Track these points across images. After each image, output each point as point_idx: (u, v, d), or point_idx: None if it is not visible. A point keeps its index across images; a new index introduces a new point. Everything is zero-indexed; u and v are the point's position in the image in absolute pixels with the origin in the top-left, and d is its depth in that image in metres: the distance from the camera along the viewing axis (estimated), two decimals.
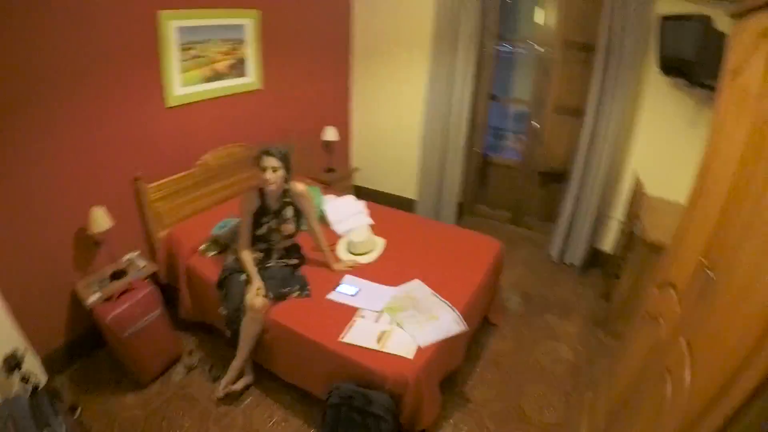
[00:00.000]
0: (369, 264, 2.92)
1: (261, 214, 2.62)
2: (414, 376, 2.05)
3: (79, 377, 2.75)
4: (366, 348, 2.18)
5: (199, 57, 3.08)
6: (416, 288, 2.66)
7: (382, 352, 2.16)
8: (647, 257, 2.82)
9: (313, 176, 4.19)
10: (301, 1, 3.87)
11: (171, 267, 3.02)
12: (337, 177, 4.47)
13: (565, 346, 3.10)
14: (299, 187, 2.67)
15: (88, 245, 2.71)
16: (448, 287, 2.66)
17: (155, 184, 2.96)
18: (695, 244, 1.89)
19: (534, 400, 2.67)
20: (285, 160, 2.51)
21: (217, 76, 3.26)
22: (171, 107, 3.01)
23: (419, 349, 2.19)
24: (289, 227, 2.69)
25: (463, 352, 2.65)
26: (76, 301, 2.67)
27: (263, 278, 2.55)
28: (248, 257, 2.60)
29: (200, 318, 2.98)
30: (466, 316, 2.49)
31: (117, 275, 2.69)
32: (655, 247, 2.72)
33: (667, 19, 3.01)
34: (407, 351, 2.17)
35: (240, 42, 3.37)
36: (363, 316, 2.40)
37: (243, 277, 2.58)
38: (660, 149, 3.49)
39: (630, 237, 3.33)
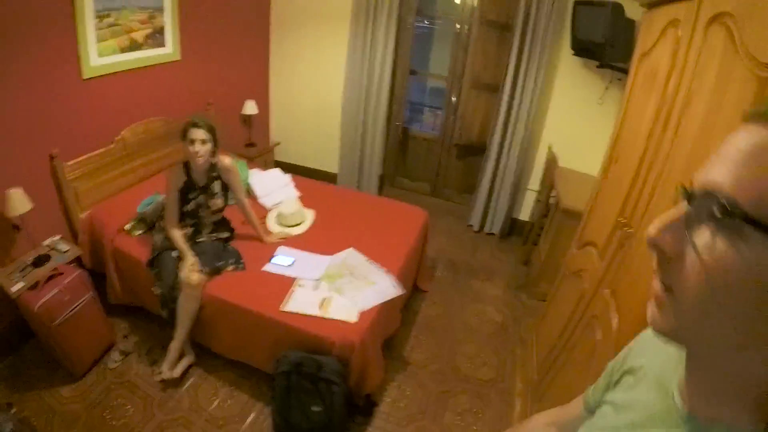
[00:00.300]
0: (301, 235, 2.91)
1: (188, 189, 2.50)
2: (359, 339, 2.09)
3: (9, 374, 2.49)
4: (309, 315, 2.19)
5: (115, 25, 2.83)
6: (351, 256, 2.68)
7: (325, 318, 2.18)
8: (563, 223, 3.06)
9: (234, 151, 4.01)
10: None
11: (95, 250, 2.80)
12: (257, 151, 4.33)
13: (491, 308, 3.29)
14: (226, 160, 2.57)
15: (5, 230, 2.43)
16: (381, 254, 2.72)
17: (73, 162, 2.71)
18: (611, 205, 2.10)
19: (468, 359, 2.82)
20: (212, 132, 2.41)
21: (135, 46, 3.02)
22: (87, 79, 2.74)
23: (361, 314, 2.23)
24: (217, 202, 2.59)
25: (399, 317, 2.73)
26: None
27: (195, 253, 2.45)
28: (178, 234, 2.48)
29: (131, 301, 2.80)
30: (400, 280, 2.56)
31: (39, 261, 2.43)
32: (570, 214, 2.96)
33: (580, 3, 3.24)
34: (350, 315, 2.21)
35: (158, 10, 3.13)
36: (301, 285, 2.39)
37: (175, 254, 2.46)
38: (571, 124, 3.77)
39: (546, 205, 3.59)
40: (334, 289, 2.37)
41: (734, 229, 0.40)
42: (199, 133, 2.34)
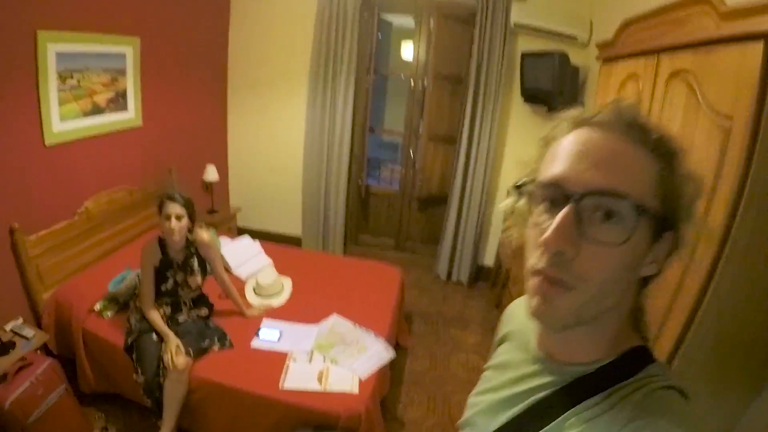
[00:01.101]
0: (282, 305, 2.85)
1: (164, 267, 2.39)
2: (365, 408, 2.05)
3: None
4: (310, 391, 2.13)
5: (78, 87, 2.75)
6: (337, 323, 2.66)
7: (326, 392, 2.12)
8: (521, 266, 3.18)
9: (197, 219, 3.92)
10: (179, 31, 3.68)
11: (63, 333, 2.57)
12: (220, 218, 4.26)
13: (474, 356, 3.32)
14: (203, 235, 2.51)
15: None
16: (366, 317, 2.72)
17: (35, 236, 2.52)
18: None
19: (462, 409, 2.79)
20: (189, 206, 2.34)
21: (97, 110, 2.94)
22: (50, 145, 2.61)
23: (361, 382, 2.20)
24: (196, 279, 2.49)
25: (388, 378, 2.71)
26: None
27: (177, 335, 2.33)
28: (156, 315, 2.36)
29: (107, 388, 2.57)
30: (389, 342, 2.56)
31: (3, 349, 2.20)
32: None
33: (527, 55, 3.52)
34: (351, 386, 2.17)
35: (120, 72, 3.09)
36: (295, 359, 2.33)
37: (155, 336, 2.33)
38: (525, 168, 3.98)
39: (511, 248, 3.74)
40: (329, 359, 2.33)
41: (633, 217, 0.51)
42: (175, 208, 2.26)
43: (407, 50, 5.08)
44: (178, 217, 2.27)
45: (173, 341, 2.25)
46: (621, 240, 0.51)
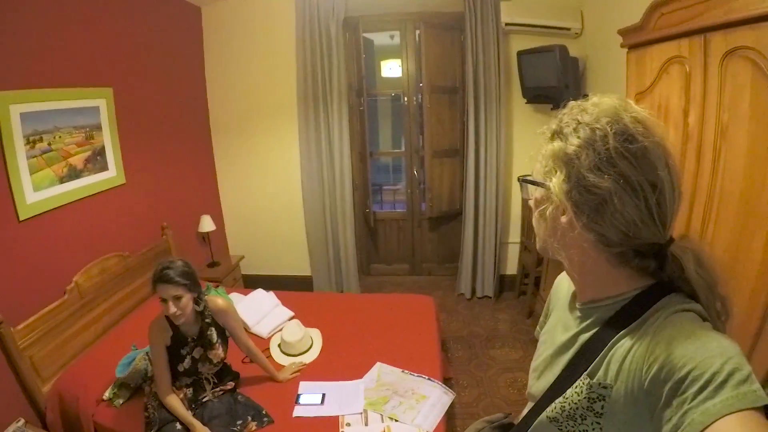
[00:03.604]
0: (315, 362, 2.54)
1: (178, 344, 2.06)
2: None
3: None
4: None
5: (50, 151, 2.45)
6: (384, 372, 2.37)
7: None
8: (558, 265, 2.98)
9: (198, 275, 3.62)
10: (153, 77, 3.41)
11: (71, 429, 2.24)
12: (222, 270, 3.93)
13: (520, 372, 3.08)
14: (218, 302, 2.16)
15: None
16: (412, 358, 2.46)
17: (22, 325, 2.20)
18: None
19: None
20: (188, 278, 1.98)
21: (75, 174, 2.63)
22: (24, 219, 2.30)
23: None
24: (218, 353, 2.15)
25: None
26: None
27: (205, 419, 2.02)
28: (175, 402, 2.02)
29: None
30: (444, 381, 2.30)
31: None
32: None
33: (522, 53, 3.36)
34: None
35: (95, 128, 2.79)
36: (348, 424, 2.03)
37: (180, 425, 1.99)
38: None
39: (535, 253, 3.53)
40: (387, 416, 2.05)
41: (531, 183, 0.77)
42: (169, 291, 1.91)
43: (390, 68, 4.92)
44: (177, 298, 1.94)
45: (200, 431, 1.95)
46: (531, 200, 0.81)
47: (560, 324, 0.86)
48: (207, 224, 3.86)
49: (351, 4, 3.68)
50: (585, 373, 0.72)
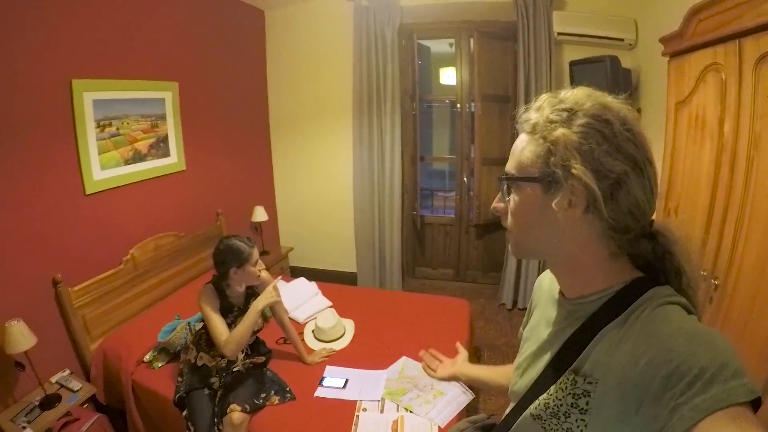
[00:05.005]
0: (344, 349, 2.63)
1: (224, 313, 2.20)
2: None
3: None
4: None
5: (117, 135, 2.71)
6: (408, 366, 2.42)
7: None
8: None
9: None
10: (217, 73, 3.67)
11: (112, 385, 2.46)
12: (272, 260, 4.14)
13: None
14: (264, 274, 2.34)
15: (7, 368, 2.12)
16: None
17: (79, 287, 2.45)
18: None
19: None
20: None
21: (139, 157, 2.89)
22: (90, 194, 2.56)
23: (440, 430, 1.96)
24: (258, 321, 2.28)
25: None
26: None
27: (231, 386, 2.15)
28: (237, 334, 2.09)
29: None
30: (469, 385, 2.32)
31: (48, 403, 2.13)
32: None
33: (575, 63, 3.32)
34: None
35: (160, 117, 3.05)
36: (365, 409, 2.10)
37: (207, 391, 2.15)
38: None
39: None
40: (402, 407, 2.10)
41: (514, 184, 0.74)
42: (257, 252, 2.21)
43: (447, 75, 4.99)
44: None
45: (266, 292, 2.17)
46: (510, 198, 0.75)
47: (543, 321, 0.86)
48: (260, 214, 4.09)
49: (407, 11, 3.78)
50: (570, 368, 0.72)
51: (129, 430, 2.43)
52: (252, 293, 2.32)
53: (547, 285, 0.91)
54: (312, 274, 3.83)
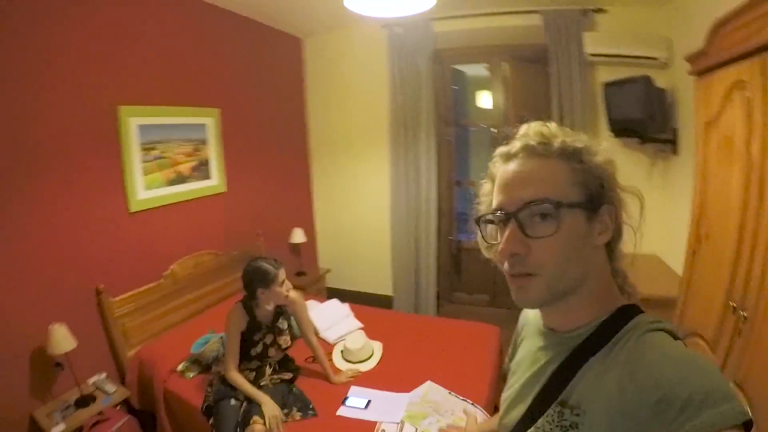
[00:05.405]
0: (371, 371, 2.66)
1: (252, 330, 2.33)
2: None
3: None
4: None
5: (161, 158, 2.91)
6: (431, 390, 2.42)
7: None
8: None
9: None
10: (258, 99, 3.85)
11: (145, 390, 2.61)
12: (309, 280, 4.24)
13: None
14: (291, 294, 2.46)
15: (47, 367, 2.31)
16: (463, 384, 2.46)
17: (120, 297, 2.66)
18: (713, 289, 1.87)
19: None
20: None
21: (181, 179, 3.08)
22: (134, 212, 2.77)
23: None
24: (286, 339, 2.43)
25: None
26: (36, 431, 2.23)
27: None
28: (240, 378, 2.27)
29: None
30: (488, 410, 2.29)
31: (83, 402, 2.30)
32: (650, 302, 2.70)
33: (609, 85, 3.26)
34: None
35: (202, 142, 3.24)
36: (383, 430, 2.13)
37: (234, 402, 2.24)
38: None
39: None
40: (421, 431, 2.11)
41: (555, 213, 0.66)
42: (284, 273, 2.32)
43: (484, 99, 5.01)
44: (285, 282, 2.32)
45: (270, 404, 2.15)
46: (553, 230, 0.66)
47: (530, 353, 0.85)
48: (298, 236, 4.21)
49: (440, 37, 3.83)
50: (556, 401, 0.71)
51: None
52: (281, 312, 2.43)
53: (532, 317, 0.91)
54: (348, 296, 3.89)
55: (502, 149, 0.78)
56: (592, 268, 0.70)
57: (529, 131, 0.75)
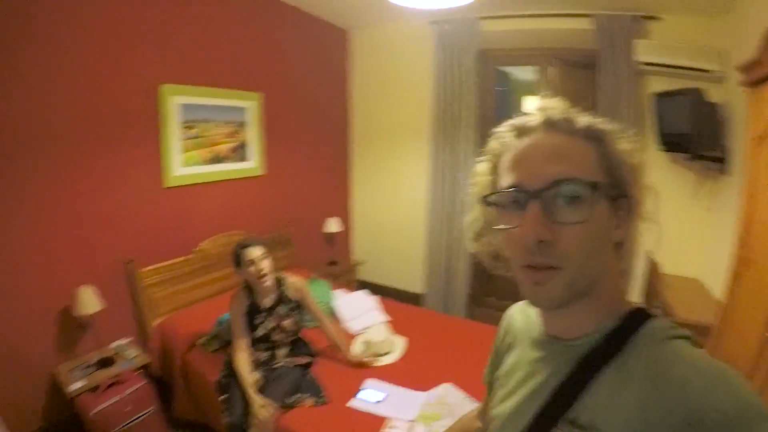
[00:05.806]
0: (391, 366, 2.61)
1: (253, 313, 2.36)
2: None
3: None
4: None
5: (200, 137, 2.97)
6: (449, 393, 2.35)
7: None
8: None
9: (316, 269, 3.95)
10: (301, 87, 3.88)
11: (166, 359, 2.70)
12: (339, 270, 4.24)
13: None
14: (293, 279, 2.46)
15: (72, 327, 2.43)
16: (483, 389, 2.39)
17: (149, 268, 2.74)
18: (753, 317, 1.74)
19: None
20: (265, 244, 2.36)
21: (219, 159, 3.14)
22: (169, 187, 2.85)
23: None
24: (290, 322, 2.42)
25: None
26: (56, 386, 2.35)
27: (269, 380, 2.26)
28: (242, 367, 2.25)
29: (197, 418, 2.62)
30: None
31: (104, 363, 2.39)
32: (689, 327, 2.55)
33: (659, 96, 3.08)
34: None
35: (242, 125, 3.28)
36: (392, 427, 2.08)
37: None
38: (668, 226, 3.39)
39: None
40: None
41: (590, 195, 0.58)
42: (255, 251, 2.27)
43: (530, 103, 4.85)
44: (263, 257, 2.29)
45: (258, 401, 2.11)
46: (586, 216, 0.58)
47: (523, 365, 0.76)
48: (333, 225, 4.21)
49: (487, 36, 3.73)
50: (565, 418, 0.63)
51: (174, 399, 2.66)
52: (282, 297, 2.43)
53: (521, 323, 0.82)
54: (379, 290, 3.87)
55: (513, 121, 0.67)
56: (606, 266, 0.63)
57: (549, 104, 0.66)
